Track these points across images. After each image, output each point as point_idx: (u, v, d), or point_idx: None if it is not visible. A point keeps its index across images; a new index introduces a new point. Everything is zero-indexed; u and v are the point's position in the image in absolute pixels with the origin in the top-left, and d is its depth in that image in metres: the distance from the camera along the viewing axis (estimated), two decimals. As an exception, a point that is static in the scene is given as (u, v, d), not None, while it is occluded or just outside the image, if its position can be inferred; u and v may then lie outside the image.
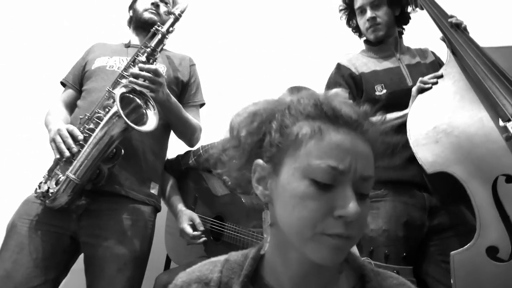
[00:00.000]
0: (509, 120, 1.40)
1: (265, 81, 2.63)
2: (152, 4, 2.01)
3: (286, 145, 0.76)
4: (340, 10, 2.16)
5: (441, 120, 1.61)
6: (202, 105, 2.09)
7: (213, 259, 0.90)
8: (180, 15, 1.81)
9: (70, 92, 1.93)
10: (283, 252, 0.79)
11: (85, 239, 1.58)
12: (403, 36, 2.11)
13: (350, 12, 2.12)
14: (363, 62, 2.02)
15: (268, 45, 2.82)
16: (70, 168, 1.50)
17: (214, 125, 2.11)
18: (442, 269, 1.55)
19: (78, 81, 1.94)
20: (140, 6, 2.04)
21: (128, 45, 1.99)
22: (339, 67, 2.05)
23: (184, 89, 2.01)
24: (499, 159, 1.43)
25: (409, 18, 2.08)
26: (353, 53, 2.13)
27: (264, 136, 0.80)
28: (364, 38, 2.12)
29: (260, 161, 0.80)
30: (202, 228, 1.79)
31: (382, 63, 2.00)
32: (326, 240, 0.71)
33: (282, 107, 0.80)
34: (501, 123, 1.43)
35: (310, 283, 0.80)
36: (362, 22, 2.04)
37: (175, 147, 2.05)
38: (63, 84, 1.97)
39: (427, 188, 1.69)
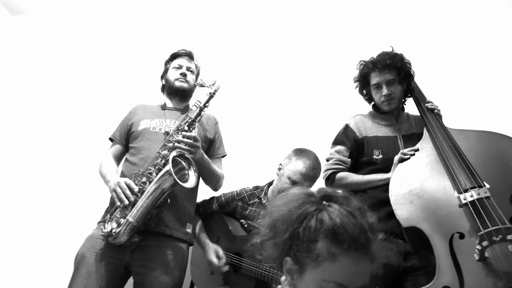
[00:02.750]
0: (461, 193, 1.87)
1: (275, 134, 3.12)
2: (181, 74, 2.46)
3: (309, 259, 1.07)
4: (355, 81, 2.53)
5: (415, 185, 2.04)
6: (223, 156, 2.51)
7: None
8: (214, 93, 2.26)
9: (118, 147, 2.38)
10: None
11: (136, 269, 2.02)
12: (405, 106, 2.52)
13: (365, 84, 2.49)
14: (368, 126, 2.44)
15: (276, 105, 3.31)
16: (130, 214, 1.94)
17: (233, 173, 2.57)
18: (413, 299, 1.93)
19: (124, 137, 2.38)
20: (171, 77, 2.49)
21: (164, 108, 2.45)
22: (346, 128, 2.48)
23: (210, 144, 2.43)
24: (455, 220, 1.86)
25: (413, 91, 2.46)
26: (360, 114, 2.54)
27: (293, 239, 1.11)
28: (373, 103, 2.51)
29: (289, 260, 1.12)
30: (224, 259, 2.23)
31: (384, 130, 2.42)
32: None
33: (307, 214, 1.11)
34: (456, 194, 1.90)
35: None
36: (378, 96, 2.42)
37: (201, 190, 2.46)
38: (110, 139, 2.42)
39: (403, 237, 2.10)
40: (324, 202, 1.14)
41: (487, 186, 1.85)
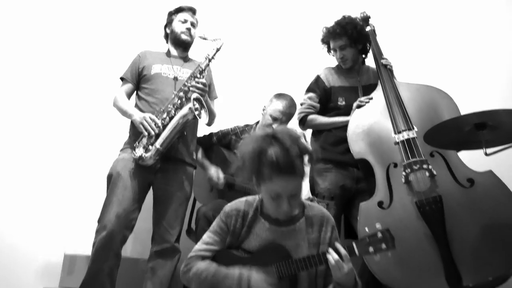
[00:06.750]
0: (396, 134, 2.49)
1: (259, 82, 3.67)
2: (187, 28, 2.90)
3: (261, 181, 1.63)
4: (322, 44, 3.07)
5: (366, 127, 2.64)
6: (215, 98, 3.00)
7: (239, 199, 1.89)
8: (219, 48, 2.73)
9: (129, 85, 2.80)
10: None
11: (158, 185, 2.62)
12: (365, 60, 3.07)
13: (328, 46, 3.04)
14: (335, 78, 2.98)
15: (262, 57, 3.83)
16: (158, 142, 2.45)
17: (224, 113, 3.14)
18: (359, 212, 2.53)
19: (135, 78, 2.80)
20: (177, 29, 2.89)
21: (169, 55, 2.91)
22: (318, 78, 3.02)
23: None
24: (392, 154, 2.49)
25: (369, 49, 3.01)
26: (329, 67, 3.06)
27: (252, 167, 1.63)
28: None
29: (254, 179, 1.66)
30: (222, 180, 2.88)
31: (348, 81, 2.96)
32: (281, 215, 1.70)
33: (260, 151, 1.60)
34: (392, 134, 2.52)
35: None
36: (336, 57, 2.99)
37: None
38: (121, 78, 2.82)
39: (356, 166, 2.71)
40: (272, 141, 1.62)
41: (416, 129, 2.46)
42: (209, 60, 2.73)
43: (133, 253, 3.26)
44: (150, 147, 2.49)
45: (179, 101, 2.58)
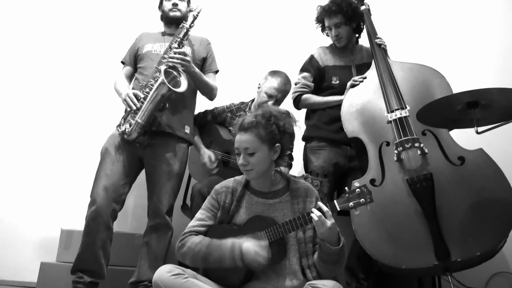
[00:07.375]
0: (389, 113, 2.51)
1: (258, 59, 3.64)
2: (173, 4, 2.88)
3: None
4: (316, 23, 3.05)
5: (360, 106, 2.66)
6: (216, 71, 2.97)
7: (229, 179, 2.02)
8: (197, 15, 2.71)
9: (128, 68, 2.89)
10: None
11: (147, 161, 2.64)
12: (359, 40, 3.07)
13: (323, 26, 3.03)
14: (329, 57, 2.98)
15: (260, 34, 3.78)
16: (138, 116, 2.48)
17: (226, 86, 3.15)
18: (352, 189, 2.63)
19: (133, 60, 2.88)
20: (166, 7, 2.90)
21: (164, 34, 2.93)
22: (312, 58, 3.02)
23: (204, 62, 2.91)
24: (384, 133, 2.52)
25: (363, 28, 3.02)
26: (323, 46, 3.06)
27: None
28: None
29: None
30: (215, 164, 2.92)
31: (341, 60, 2.97)
32: (244, 172, 1.91)
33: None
34: (385, 113, 2.54)
35: (265, 184, 1.94)
36: (331, 36, 2.98)
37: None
38: (122, 62, 2.92)
39: (350, 144, 2.75)
40: None
41: (408, 108, 2.49)
42: (187, 29, 2.71)
43: (130, 229, 3.32)
44: (132, 121, 2.53)
45: (158, 74, 2.56)
